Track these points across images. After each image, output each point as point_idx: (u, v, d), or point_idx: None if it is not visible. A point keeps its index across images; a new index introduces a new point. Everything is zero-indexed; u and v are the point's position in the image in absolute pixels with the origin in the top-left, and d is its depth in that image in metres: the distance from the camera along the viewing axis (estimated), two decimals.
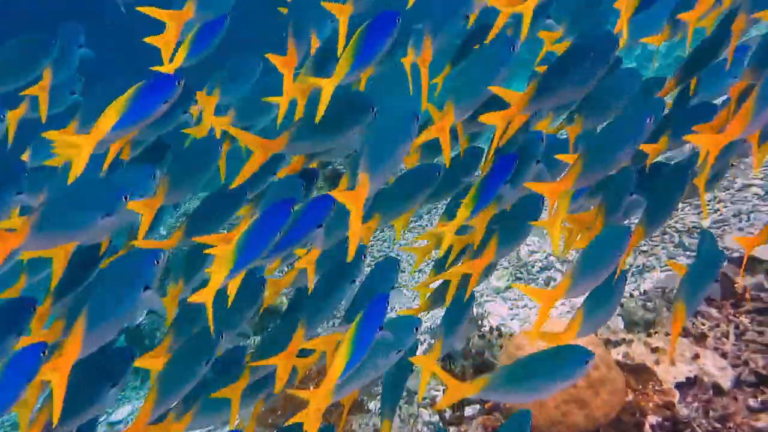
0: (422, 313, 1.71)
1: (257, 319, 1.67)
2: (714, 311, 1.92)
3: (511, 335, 2.31)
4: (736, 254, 2.23)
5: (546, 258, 3.16)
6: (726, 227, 2.65)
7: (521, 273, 3.19)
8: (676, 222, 2.86)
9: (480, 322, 2.86)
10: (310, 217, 1.33)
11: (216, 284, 1.21)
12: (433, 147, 1.49)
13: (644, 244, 2.85)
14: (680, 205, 2.95)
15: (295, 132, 1.42)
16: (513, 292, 3.14)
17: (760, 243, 1.35)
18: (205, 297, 1.22)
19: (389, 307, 1.34)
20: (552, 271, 3.08)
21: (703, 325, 1.89)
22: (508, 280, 3.21)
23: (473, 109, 1.36)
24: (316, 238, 1.34)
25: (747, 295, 1.90)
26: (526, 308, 2.98)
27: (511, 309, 3.03)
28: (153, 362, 1.42)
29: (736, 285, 1.95)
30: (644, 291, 2.29)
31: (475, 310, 3.24)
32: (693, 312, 1.36)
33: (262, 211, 1.28)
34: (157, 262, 1.29)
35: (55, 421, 1.14)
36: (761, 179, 2.85)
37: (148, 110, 1.38)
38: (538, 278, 3.10)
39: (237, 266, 1.22)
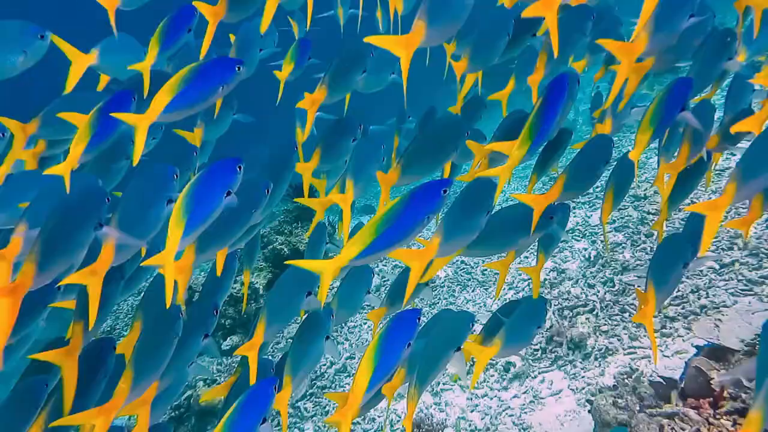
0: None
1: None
2: (692, 413, 1.76)
3: None
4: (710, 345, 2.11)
5: None
6: (686, 305, 2.55)
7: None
8: (634, 299, 2.75)
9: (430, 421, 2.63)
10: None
11: (173, 246, 1.25)
12: None
13: (604, 324, 2.72)
14: (638, 281, 2.86)
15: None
16: (471, 378, 2.93)
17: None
18: (164, 260, 1.26)
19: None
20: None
21: (683, 430, 1.73)
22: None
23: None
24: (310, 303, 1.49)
25: (725, 394, 1.75)
26: (486, 398, 2.76)
27: (470, 399, 2.81)
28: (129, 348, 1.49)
29: (712, 381, 1.80)
30: (614, 385, 2.12)
31: (431, 399, 3.02)
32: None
33: (205, 169, 1.33)
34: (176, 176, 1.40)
35: (91, 323, 1.29)
36: (713, 251, 2.80)
37: (204, 93, 1.41)
38: (496, 363, 2.90)
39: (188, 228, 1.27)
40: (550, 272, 3.30)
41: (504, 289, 3.41)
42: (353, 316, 3.67)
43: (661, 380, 1.91)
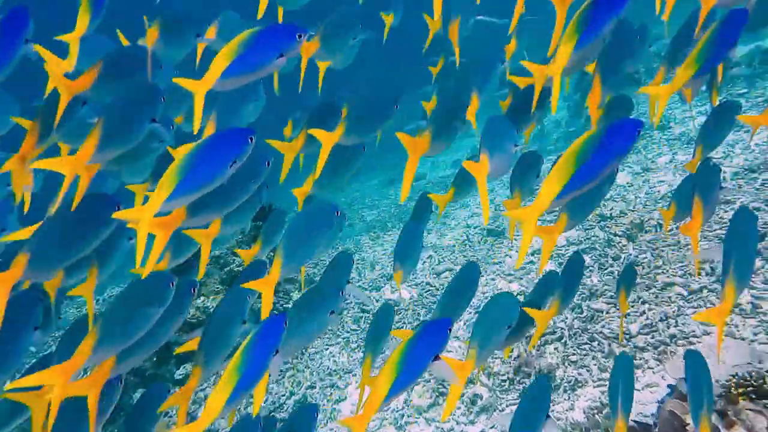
0: None
1: None
2: None
3: None
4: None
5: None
6: (656, 334, 2.49)
7: (444, 387, 2.87)
8: (603, 327, 2.68)
9: None
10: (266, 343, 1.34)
11: (154, 206, 1.24)
12: None
13: (573, 353, 2.63)
14: (606, 307, 2.79)
15: None
16: (436, 411, 2.81)
17: None
18: (140, 215, 1.25)
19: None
20: (477, 385, 2.78)
21: None
22: (430, 397, 2.88)
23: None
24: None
25: None
26: None
27: None
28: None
29: (687, 427, 1.72)
30: (586, 429, 2.03)
31: None
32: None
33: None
34: None
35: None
36: (681, 276, 2.75)
37: (263, 61, 1.36)
38: (462, 395, 2.79)
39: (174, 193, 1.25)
40: (518, 295, 3.21)
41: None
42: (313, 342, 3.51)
43: (635, 424, 1.82)
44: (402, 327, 3.45)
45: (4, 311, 1.27)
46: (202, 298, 3.82)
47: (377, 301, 3.78)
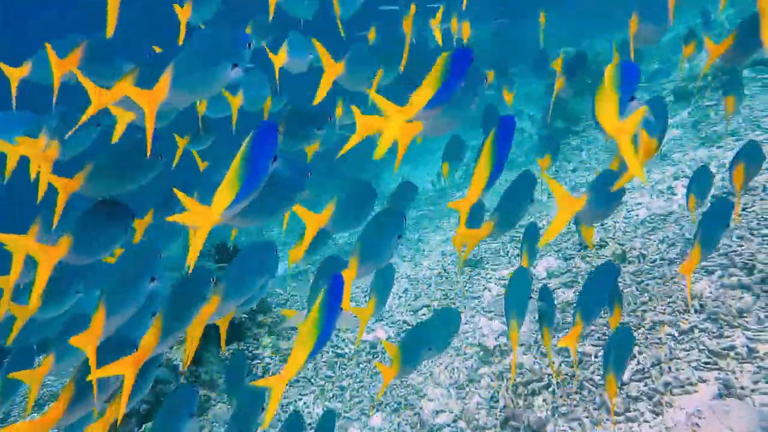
0: None
1: None
2: None
3: None
4: None
5: (454, 422, 2.69)
6: (649, 381, 2.35)
7: None
8: (593, 373, 2.53)
9: None
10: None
11: (219, 209, 1.31)
12: None
13: (563, 404, 2.47)
14: (594, 350, 2.64)
15: None
16: None
17: None
18: (203, 221, 1.31)
19: None
20: None
21: None
22: None
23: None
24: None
25: None
26: None
27: None
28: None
29: None
30: None
31: None
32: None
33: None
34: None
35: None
36: (669, 314, 2.62)
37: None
38: None
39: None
40: (499, 336, 3.05)
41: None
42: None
43: None
44: (379, 372, 3.25)
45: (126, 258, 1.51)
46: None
47: (352, 343, 3.58)
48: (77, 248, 1.55)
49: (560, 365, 2.66)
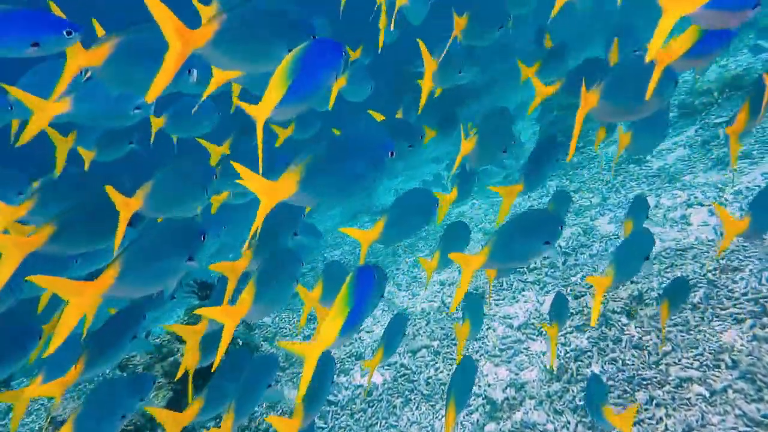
0: None
1: None
2: None
3: None
4: None
5: None
6: None
7: None
8: None
9: None
10: None
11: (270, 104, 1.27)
12: None
13: None
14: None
15: None
16: None
17: None
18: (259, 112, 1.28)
19: None
20: None
21: None
22: None
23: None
24: None
25: None
26: None
27: None
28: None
29: None
30: None
31: None
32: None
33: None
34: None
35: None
36: (697, 369, 2.37)
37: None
38: None
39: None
40: (507, 387, 2.79)
41: None
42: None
43: None
44: (376, 424, 2.98)
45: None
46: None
47: (345, 388, 3.30)
48: (153, 201, 1.61)
49: (576, 425, 2.40)
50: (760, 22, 5.96)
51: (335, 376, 3.45)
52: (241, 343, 3.80)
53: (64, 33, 1.43)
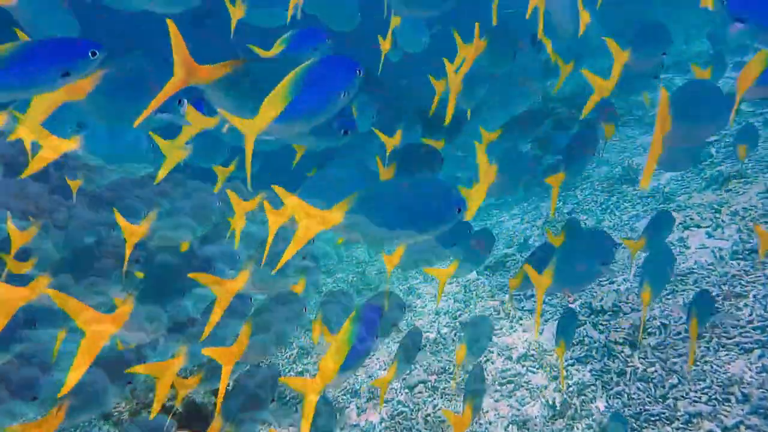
0: None
1: None
2: None
3: None
4: None
5: None
6: None
7: None
8: None
9: None
10: None
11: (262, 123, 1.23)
12: None
13: None
14: None
15: None
16: None
17: None
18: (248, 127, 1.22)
19: None
20: None
21: None
22: None
23: None
24: None
25: None
26: None
27: None
28: None
29: None
30: None
31: None
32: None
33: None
34: None
35: None
36: (706, 403, 2.28)
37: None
38: None
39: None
40: (509, 425, 2.68)
41: None
42: None
43: None
44: None
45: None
46: None
47: (341, 429, 3.17)
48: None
49: None
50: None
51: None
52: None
53: (90, 55, 1.38)
